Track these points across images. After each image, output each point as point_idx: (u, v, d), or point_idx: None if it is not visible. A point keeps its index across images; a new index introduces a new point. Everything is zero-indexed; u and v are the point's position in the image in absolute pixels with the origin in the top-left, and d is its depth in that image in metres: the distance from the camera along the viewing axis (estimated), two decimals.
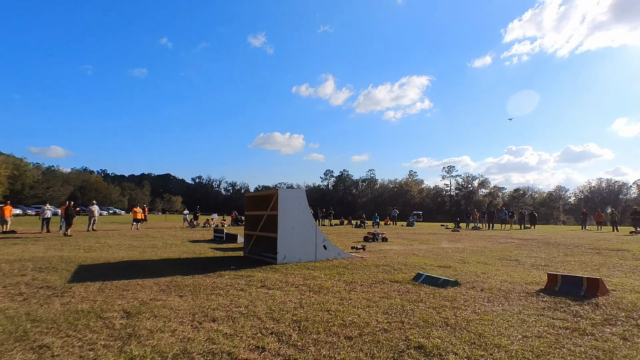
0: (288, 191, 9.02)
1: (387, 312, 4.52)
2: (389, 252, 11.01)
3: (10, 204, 19.77)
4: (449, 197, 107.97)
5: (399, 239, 16.87)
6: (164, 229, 22.49)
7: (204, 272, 7.48)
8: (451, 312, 4.56)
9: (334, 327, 3.96)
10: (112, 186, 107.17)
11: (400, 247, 12.99)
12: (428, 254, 10.90)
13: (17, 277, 6.70)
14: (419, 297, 5.33)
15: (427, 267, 8.16)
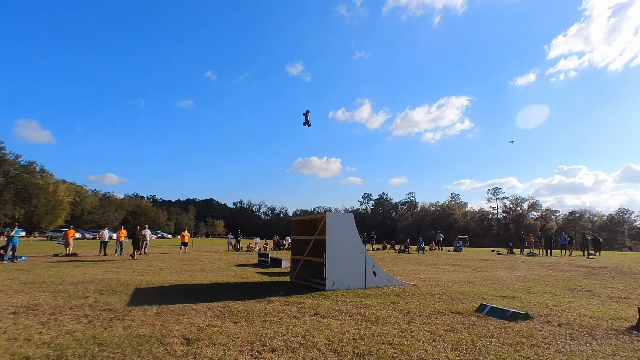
0: (336, 215, 8.88)
1: (457, 349, 4.13)
2: (442, 280, 10.39)
3: (72, 228, 21.29)
4: (495, 221, 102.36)
5: (448, 265, 15.98)
6: (209, 253, 23.04)
7: (254, 297, 7.41)
8: (531, 350, 4.08)
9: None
10: (160, 211, 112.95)
11: (453, 274, 12.25)
12: (485, 282, 10.15)
13: (81, 299, 7.01)
14: (489, 332, 4.85)
15: (488, 297, 7.55)
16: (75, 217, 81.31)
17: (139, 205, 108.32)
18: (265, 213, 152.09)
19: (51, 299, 6.85)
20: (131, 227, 21.14)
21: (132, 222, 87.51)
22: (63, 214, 75.58)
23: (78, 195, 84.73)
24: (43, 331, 4.68)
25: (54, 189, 73.23)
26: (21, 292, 7.61)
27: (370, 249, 30.94)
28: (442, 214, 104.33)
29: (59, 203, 73.59)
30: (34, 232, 60.69)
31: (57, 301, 6.69)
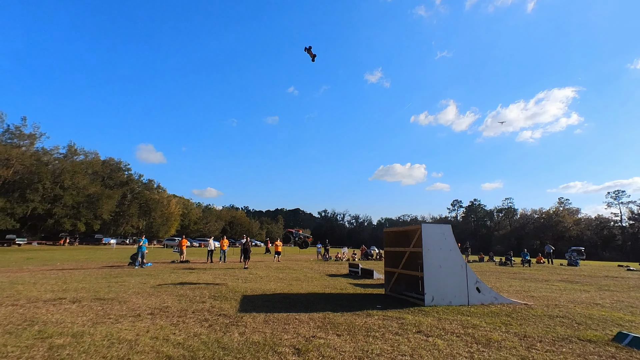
0: (432, 226, 8.49)
1: None
2: (560, 300, 9.14)
3: (185, 238, 24.18)
4: (619, 229, 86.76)
5: (563, 282, 14.01)
6: (300, 262, 23.96)
7: (352, 309, 7.45)
8: None
9: None
10: (253, 221, 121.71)
11: (572, 294, 10.69)
12: (617, 304, 8.65)
13: (199, 303, 7.87)
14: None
15: (625, 324, 6.41)
16: (184, 227, 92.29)
17: (234, 215, 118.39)
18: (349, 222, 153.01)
19: (177, 303, 7.83)
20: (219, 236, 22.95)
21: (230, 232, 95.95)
22: (175, 225, 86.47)
23: (186, 208, 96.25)
24: (175, 332, 5.37)
25: (167, 202, 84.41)
26: (153, 295, 8.86)
27: (466, 260, 28.77)
28: (548, 221, 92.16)
29: (171, 215, 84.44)
30: (153, 241, 70.48)
31: (181, 305, 7.62)
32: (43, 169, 62.56)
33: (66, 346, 4.55)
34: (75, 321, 5.95)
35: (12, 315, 6.37)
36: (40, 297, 8.17)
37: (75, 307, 7.11)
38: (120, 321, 6.03)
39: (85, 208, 66.01)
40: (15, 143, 62.50)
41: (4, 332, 5.20)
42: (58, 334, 5.13)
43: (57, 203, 62.51)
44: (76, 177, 65.28)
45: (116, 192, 72.29)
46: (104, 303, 7.62)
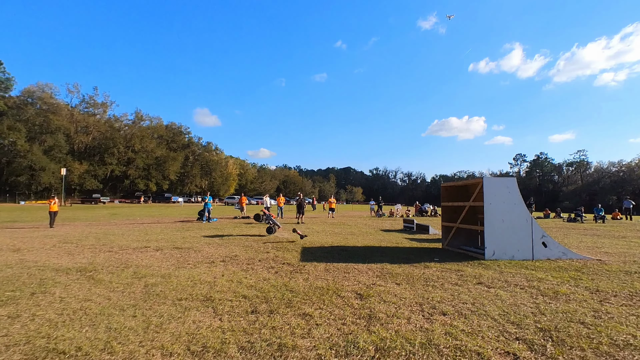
0: (495, 180, 8.10)
1: None
2: (639, 256, 8.44)
3: (244, 196, 25.65)
4: None
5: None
6: (354, 218, 24.44)
7: (409, 261, 7.58)
8: None
9: (603, 345, 3.21)
10: (306, 179, 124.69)
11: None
12: None
13: (264, 253, 8.50)
14: None
15: None
16: (241, 186, 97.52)
17: (288, 175, 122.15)
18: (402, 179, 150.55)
19: (244, 252, 8.54)
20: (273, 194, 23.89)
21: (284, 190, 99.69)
22: (233, 184, 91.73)
23: (242, 168, 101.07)
24: (247, 277, 5.92)
25: (225, 163, 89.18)
26: (222, 245, 9.71)
27: None
28: (628, 175, 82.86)
29: (230, 175, 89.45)
30: (215, 199, 75.73)
31: (248, 254, 8.29)
32: (116, 134, 68.54)
33: (158, 284, 5.26)
34: (161, 265, 6.79)
35: (110, 259, 7.42)
36: (129, 246, 9.35)
37: (159, 254, 8.07)
38: (198, 266, 6.77)
39: (154, 169, 71.97)
40: (90, 112, 68.66)
41: (107, 272, 6.11)
42: (150, 274, 5.93)
43: (131, 165, 68.86)
44: (144, 141, 70.81)
45: (179, 154, 77.58)
46: (182, 251, 8.54)
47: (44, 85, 60.59)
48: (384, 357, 2.95)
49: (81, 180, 60.31)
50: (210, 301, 4.47)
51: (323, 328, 3.59)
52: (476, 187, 8.51)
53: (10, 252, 8.17)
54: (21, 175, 53.65)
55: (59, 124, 57.98)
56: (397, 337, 3.35)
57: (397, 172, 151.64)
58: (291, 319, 3.83)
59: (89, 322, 3.66)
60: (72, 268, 6.44)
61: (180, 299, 4.53)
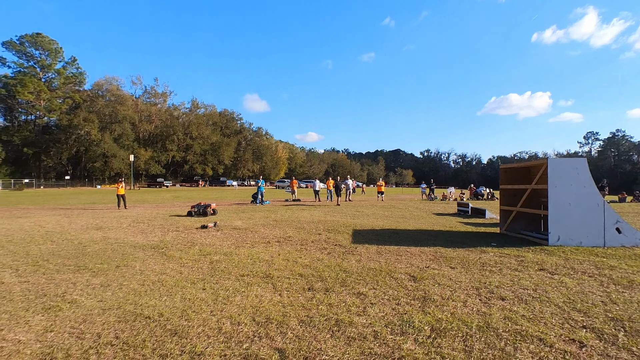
0: (562, 161, 7.52)
1: None
2: None
3: (295, 179, 26.30)
4: None
5: None
6: (404, 201, 24.04)
7: (463, 245, 7.39)
8: None
9: None
10: (354, 162, 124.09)
11: None
12: None
13: (316, 234, 8.76)
14: None
15: None
16: (291, 170, 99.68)
17: (336, 158, 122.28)
18: (455, 161, 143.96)
19: (297, 233, 8.87)
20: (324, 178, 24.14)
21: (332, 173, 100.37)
22: (283, 168, 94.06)
23: (291, 152, 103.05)
24: (301, 256, 6.19)
25: (275, 148, 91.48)
26: (276, 227, 10.15)
27: None
28: None
29: (279, 159, 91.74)
30: (266, 183, 78.44)
31: (301, 235, 8.61)
32: (175, 122, 73.01)
33: (222, 261, 5.71)
34: (222, 244, 7.31)
35: (178, 238, 8.12)
36: (192, 226, 10.13)
37: (220, 234, 8.67)
38: (255, 246, 7.18)
39: (210, 155, 75.93)
40: (152, 102, 73.60)
41: (177, 249, 6.73)
42: (214, 252, 6.43)
43: (189, 151, 73.23)
44: (200, 128, 74.71)
45: (232, 139, 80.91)
46: (240, 232, 9.08)
47: (111, 78, 66.14)
48: (440, 337, 2.99)
49: (147, 166, 65.59)
50: (270, 278, 4.77)
51: (378, 307, 3.69)
52: (539, 168, 7.96)
53: (94, 230, 9.26)
54: (96, 162, 59.66)
55: (125, 114, 63.13)
56: (453, 319, 3.36)
57: (449, 154, 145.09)
58: (346, 298, 3.99)
59: (166, 293, 4.12)
60: (146, 245, 7.18)
61: (243, 275, 4.89)
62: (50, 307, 3.62)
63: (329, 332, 3.08)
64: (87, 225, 10.30)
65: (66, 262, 5.61)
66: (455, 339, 2.96)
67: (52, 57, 58.64)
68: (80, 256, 6.08)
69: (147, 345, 2.80)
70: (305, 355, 2.67)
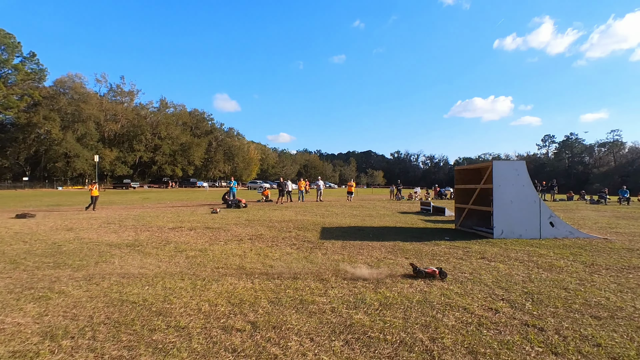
0: (504, 163, 8.48)
1: None
2: None
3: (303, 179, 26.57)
4: None
5: None
6: (373, 201, 25.01)
7: (421, 240, 8.17)
8: None
9: (575, 305, 3.77)
10: (326, 163, 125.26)
11: None
12: None
13: (287, 232, 9.29)
14: None
15: None
16: (263, 171, 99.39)
17: (308, 159, 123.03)
18: (424, 162, 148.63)
19: (268, 232, 9.36)
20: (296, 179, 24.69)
21: (305, 174, 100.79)
22: (255, 169, 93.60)
23: (263, 153, 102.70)
24: (272, 251, 6.71)
25: (247, 149, 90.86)
26: (248, 226, 10.58)
27: (551, 199, 26.98)
28: None
29: (251, 160, 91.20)
30: (238, 184, 77.79)
31: (272, 233, 9.11)
32: (143, 121, 70.95)
33: (197, 257, 6.13)
34: (197, 242, 7.69)
35: (152, 237, 8.40)
36: (165, 226, 10.37)
37: (193, 233, 9.00)
38: (228, 243, 7.62)
39: (180, 155, 74.29)
40: (118, 100, 71.19)
41: (153, 247, 7.06)
42: (189, 249, 6.82)
43: (158, 151, 71.36)
44: (170, 128, 73.00)
45: (203, 140, 79.56)
46: (213, 231, 9.45)
47: (74, 75, 63.34)
48: (385, 309, 3.63)
49: (112, 167, 63.38)
50: (243, 269, 5.27)
51: (337, 290, 4.30)
52: (487, 170, 8.91)
53: (65, 231, 9.31)
54: (57, 162, 56.97)
55: (89, 113, 60.70)
56: (398, 296, 4.02)
57: (419, 155, 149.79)
58: (311, 283, 4.57)
59: (147, 283, 4.52)
60: (121, 244, 7.44)
61: (218, 268, 5.36)
62: (40, 297, 3.95)
63: (294, 309, 3.64)
64: (56, 226, 10.28)
65: (44, 260, 5.84)
66: (397, 310, 3.61)
67: (9, 52, 55.35)
68: (57, 254, 6.29)
69: (136, 323, 3.24)
70: (274, 325, 3.22)
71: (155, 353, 2.68)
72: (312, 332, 3.06)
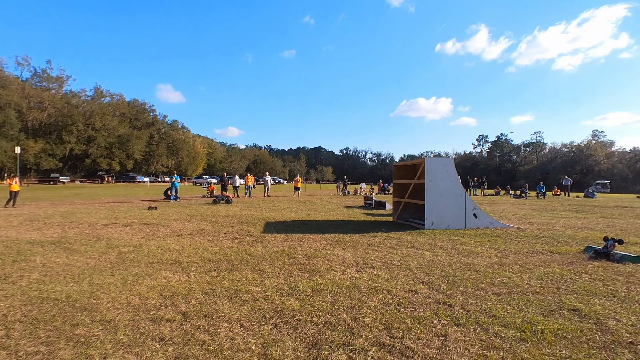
0: (435, 160, 9.19)
1: (542, 279, 4.51)
2: (555, 225, 9.94)
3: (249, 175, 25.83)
4: None
5: (570, 211, 14.66)
6: (320, 196, 25.46)
7: (360, 232, 8.59)
8: (623, 286, 4.21)
9: (482, 284, 4.29)
10: (276, 159, 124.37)
11: (570, 220, 11.42)
12: (608, 228, 9.36)
13: (229, 227, 9.22)
14: (584, 269, 4.99)
15: (601, 242, 7.19)
16: (210, 166, 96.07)
17: (257, 154, 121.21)
18: (371, 159, 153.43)
19: (210, 226, 9.22)
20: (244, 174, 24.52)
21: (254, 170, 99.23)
22: (202, 164, 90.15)
23: (210, 147, 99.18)
24: (212, 245, 6.66)
25: (192, 142, 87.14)
26: (189, 221, 10.32)
27: (481, 194, 29.48)
28: (578, 155, 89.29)
29: (197, 154, 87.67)
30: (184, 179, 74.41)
31: (214, 228, 8.99)
32: (74, 111, 64.99)
33: (131, 252, 5.91)
34: (132, 238, 7.38)
35: (81, 234, 7.88)
36: (98, 222, 9.76)
37: (129, 229, 8.60)
38: (166, 239, 7.41)
39: (117, 148, 69.30)
40: (44, 86, 64.41)
41: (81, 244, 6.65)
42: (122, 245, 6.54)
43: (92, 144, 65.90)
44: (105, 118, 67.71)
45: (144, 132, 74.91)
46: (151, 226, 9.10)
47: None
48: (316, 295, 3.85)
49: (37, 160, 57.26)
50: (179, 264, 5.20)
51: (273, 279, 4.44)
52: (421, 166, 9.57)
53: None
54: None
55: (9, 99, 54.09)
56: (330, 283, 4.27)
57: (366, 152, 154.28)
58: (247, 274, 4.66)
59: (73, 280, 4.31)
60: (45, 241, 6.90)
61: (152, 263, 5.23)
62: None
63: (227, 298, 3.73)
64: None
65: None
66: (327, 295, 3.85)
67: None
68: None
69: (57, 319, 3.12)
70: (205, 314, 3.28)
71: (77, 347, 2.63)
72: (243, 319, 3.18)
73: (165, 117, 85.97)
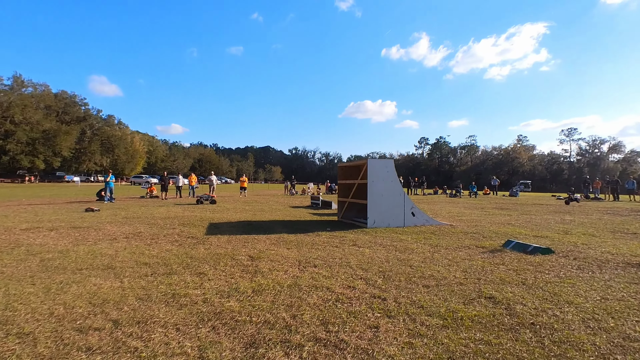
0: (377, 161, 9.62)
1: (466, 271, 4.97)
2: (482, 222, 10.91)
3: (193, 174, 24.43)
4: (567, 165, 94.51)
5: (496, 209, 16.15)
6: (268, 197, 25.27)
7: (305, 232, 8.72)
8: (532, 275, 4.79)
9: (414, 278, 4.62)
10: (223, 158, 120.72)
11: (495, 217, 12.60)
12: (526, 224, 10.48)
13: (170, 229, 8.84)
14: (502, 261, 5.58)
15: (520, 236, 8.05)
16: (150, 164, 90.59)
17: (203, 153, 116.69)
18: (320, 159, 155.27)
19: (148, 229, 8.76)
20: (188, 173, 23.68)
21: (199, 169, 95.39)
22: (141, 162, 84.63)
23: (151, 145, 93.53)
24: (149, 249, 6.36)
25: (131, 139, 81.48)
26: (126, 224, 9.71)
27: (421, 193, 31.28)
28: (505, 157, 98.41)
29: (136, 152, 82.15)
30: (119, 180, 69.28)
31: (153, 230, 8.57)
32: None
33: (55, 259, 5.44)
34: (57, 243, 6.78)
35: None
36: (17, 227, 8.81)
37: (54, 234, 7.88)
38: (98, 243, 6.92)
39: (41, 144, 62.75)
40: None
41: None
42: (45, 251, 5.99)
43: (10, 139, 58.98)
44: (27, 111, 60.98)
45: (74, 127, 68.64)
46: (81, 230, 8.42)
47: None
48: (257, 295, 3.88)
49: None
50: (112, 269, 4.91)
51: (214, 282, 4.38)
52: (364, 167, 9.96)
53: None
54: None
55: None
56: (272, 283, 4.32)
57: (315, 152, 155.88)
58: (187, 277, 4.54)
59: None
60: None
61: (81, 269, 4.88)
62: None
63: (164, 303, 3.62)
64: None
65: None
66: (268, 295, 3.90)
67: None
68: None
69: None
70: (138, 320, 3.16)
71: None
72: (180, 323, 3.12)
73: (100, 111, 79.49)
